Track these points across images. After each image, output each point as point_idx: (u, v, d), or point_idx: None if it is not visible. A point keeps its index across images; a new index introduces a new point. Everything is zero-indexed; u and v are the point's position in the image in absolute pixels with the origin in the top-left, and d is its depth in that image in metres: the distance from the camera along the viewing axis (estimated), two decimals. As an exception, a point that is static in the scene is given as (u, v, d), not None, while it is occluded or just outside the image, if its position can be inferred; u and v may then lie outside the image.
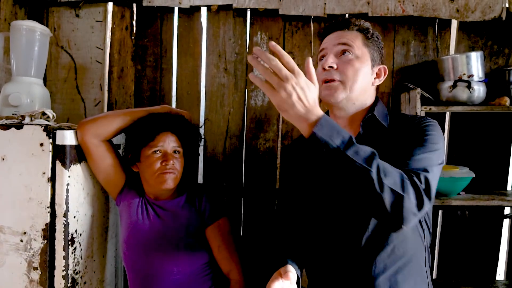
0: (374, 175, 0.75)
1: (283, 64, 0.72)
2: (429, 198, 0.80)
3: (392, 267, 0.93)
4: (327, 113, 1.10)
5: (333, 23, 1.02)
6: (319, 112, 0.77)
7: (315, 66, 0.89)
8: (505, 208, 1.72)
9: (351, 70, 0.95)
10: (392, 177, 0.77)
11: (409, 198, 0.76)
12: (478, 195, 1.54)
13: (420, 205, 0.78)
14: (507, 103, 1.49)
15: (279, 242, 1.09)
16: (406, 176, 0.79)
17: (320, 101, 1.03)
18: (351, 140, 0.78)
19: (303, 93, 0.73)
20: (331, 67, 0.96)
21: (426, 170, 0.83)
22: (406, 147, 0.89)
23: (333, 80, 0.96)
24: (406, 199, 0.76)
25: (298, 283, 0.93)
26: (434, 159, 0.87)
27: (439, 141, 0.91)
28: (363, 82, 0.97)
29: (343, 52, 0.96)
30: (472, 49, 1.70)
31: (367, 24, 1.01)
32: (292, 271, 0.88)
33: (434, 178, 0.83)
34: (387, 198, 0.75)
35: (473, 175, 1.49)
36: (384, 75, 1.02)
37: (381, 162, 0.78)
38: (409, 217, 0.77)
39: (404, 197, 0.76)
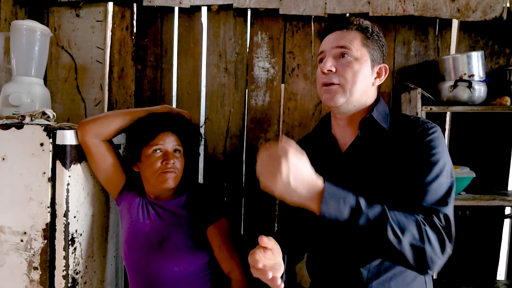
0: (391, 235, 0.76)
1: None
2: (450, 238, 0.80)
3: (386, 273, 0.92)
4: (327, 114, 1.10)
5: (332, 23, 1.01)
6: (318, 184, 0.78)
7: (315, 67, 0.88)
8: (506, 208, 1.72)
9: (350, 73, 0.93)
10: (409, 230, 0.77)
11: (432, 247, 0.78)
12: (478, 195, 1.53)
13: (443, 249, 0.79)
14: (508, 103, 1.49)
15: (278, 238, 1.09)
16: (423, 220, 0.80)
17: (320, 101, 1.02)
18: (359, 206, 0.78)
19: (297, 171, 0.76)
20: (330, 70, 0.95)
21: (443, 203, 0.83)
22: (414, 174, 0.87)
23: (332, 84, 0.95)
24: (428, 250, 0.77)
25: (283, 260, 0.93)
26: (445, 181, 0.86)
27: (444, 156, 0.89)
28: (363, 84, 0.95)
29: (342, 54, 0.95)
30: (473, 48, 1.69)
31: (366, 23, 0.98)
32: (274, 242, 0.87)
33: (452, 210, 0.84)
34: (409, 254, 0.77)
35: (474, 175, 1.49)
36: (385, 74, 1.00)
37: (394, 216, 0.78)
38: (436, 262, 0.78)
39: (425, 249, 0.77)
